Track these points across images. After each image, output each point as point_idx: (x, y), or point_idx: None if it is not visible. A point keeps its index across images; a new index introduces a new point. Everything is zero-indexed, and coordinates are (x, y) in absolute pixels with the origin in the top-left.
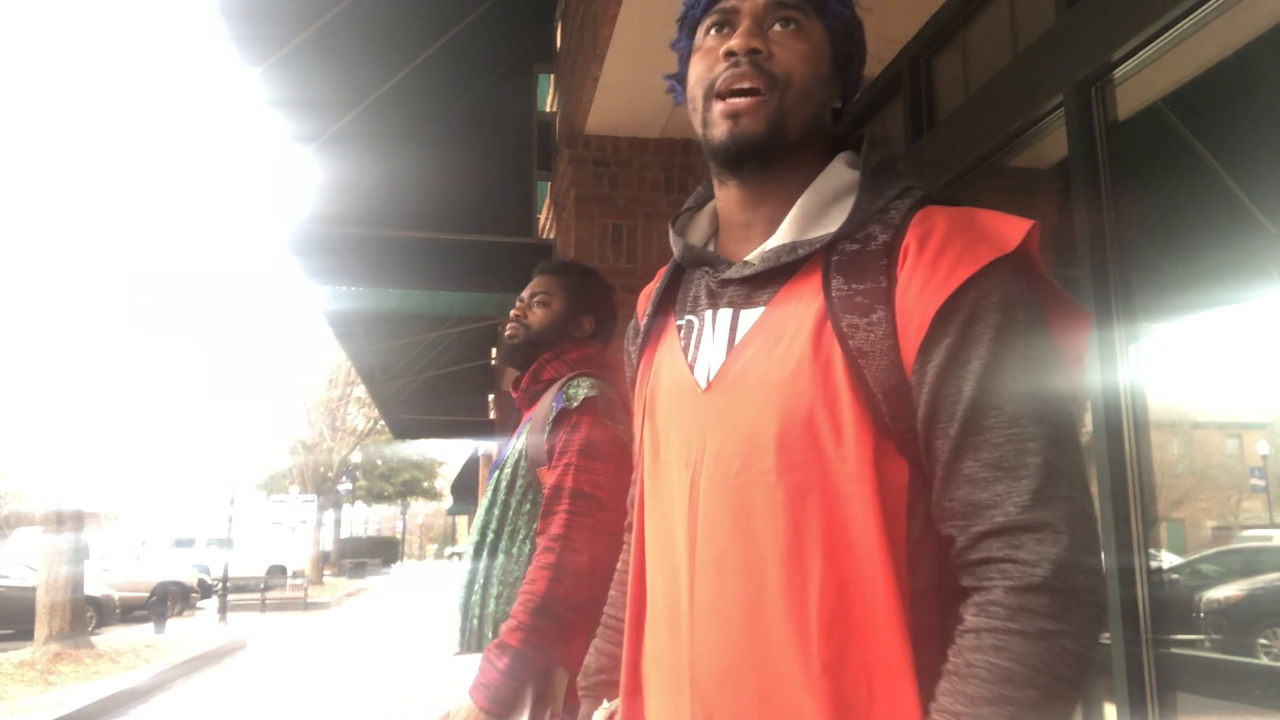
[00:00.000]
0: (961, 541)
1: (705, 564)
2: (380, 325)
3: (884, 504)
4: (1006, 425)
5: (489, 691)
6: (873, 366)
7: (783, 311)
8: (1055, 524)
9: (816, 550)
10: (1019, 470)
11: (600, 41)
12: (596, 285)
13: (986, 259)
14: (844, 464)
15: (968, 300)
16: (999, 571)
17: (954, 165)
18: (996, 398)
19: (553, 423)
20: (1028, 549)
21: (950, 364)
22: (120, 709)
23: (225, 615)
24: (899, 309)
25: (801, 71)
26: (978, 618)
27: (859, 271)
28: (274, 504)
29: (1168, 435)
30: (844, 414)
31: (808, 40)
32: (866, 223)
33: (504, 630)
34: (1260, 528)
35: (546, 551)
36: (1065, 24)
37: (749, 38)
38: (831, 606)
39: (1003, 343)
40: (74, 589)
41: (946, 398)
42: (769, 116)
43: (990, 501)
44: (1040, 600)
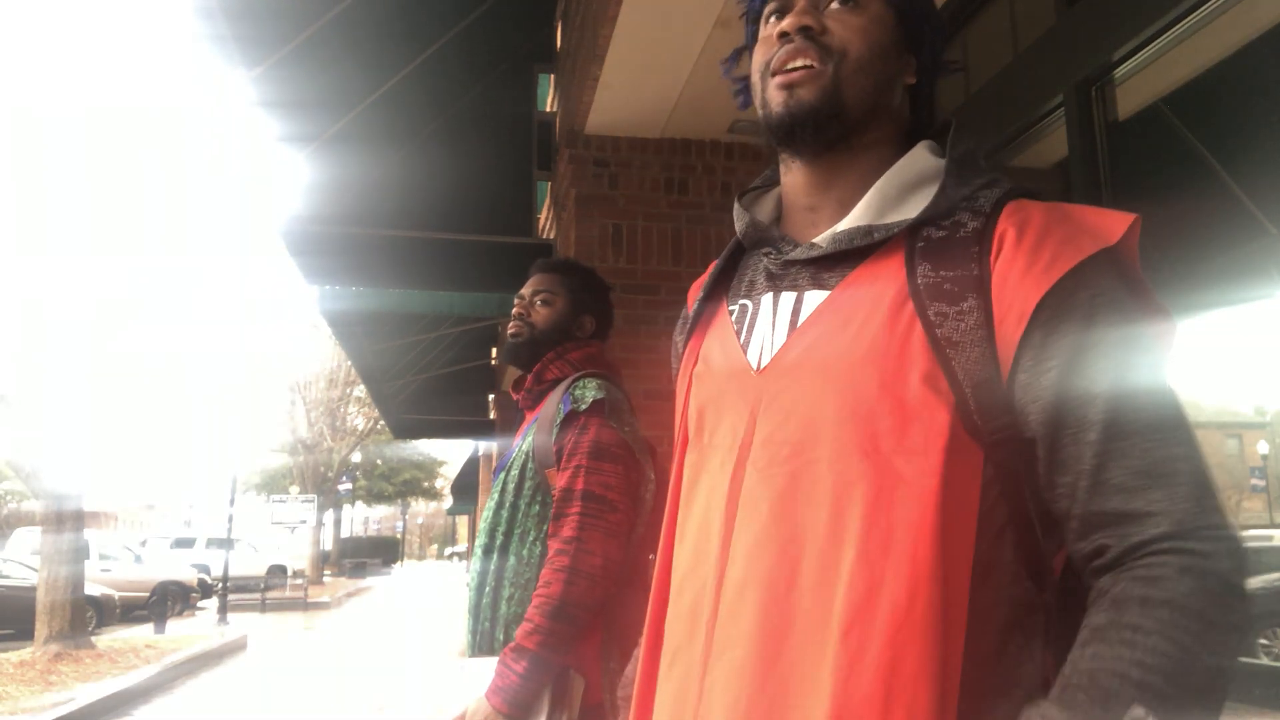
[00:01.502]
0: (1116, 553)
1: (737, 551)
2: (380, 325)
3: (945, 507)
4: (1150, 431)
5: (507, 695)
6: (962, 358)
7: (855, 294)
8: (1226, 526)
9: (853, 544)
10: (1172, 478)
11: (600, 41)
12: (597, 284)
13: (1091, 250)
14: (905, 458)
15: (1081, 296)
16: (1171, 554)
17: None
18: (1134, 400)
19: (561, 424)
20: (1203, 543)
21: (1075, 364)
22: (120, 709)
23: (225, 615)
24: (996, 298)
25: (857, 43)
26: (1146, 587)
27: (948, 258)
28: (274, 504)
29: None
30: (915, 405)
31: (864, 14)
32: (953, 209)
33: (520, 633)
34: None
35: (560, 554)
36: (1065, 24)
37: (800, 15)
38: (856, 605)
39: (1129, 342)
40: (74, 589)
41: (1077, 401)
42: (824, 86)
43: (1149, 509)
44: (1218, 585)
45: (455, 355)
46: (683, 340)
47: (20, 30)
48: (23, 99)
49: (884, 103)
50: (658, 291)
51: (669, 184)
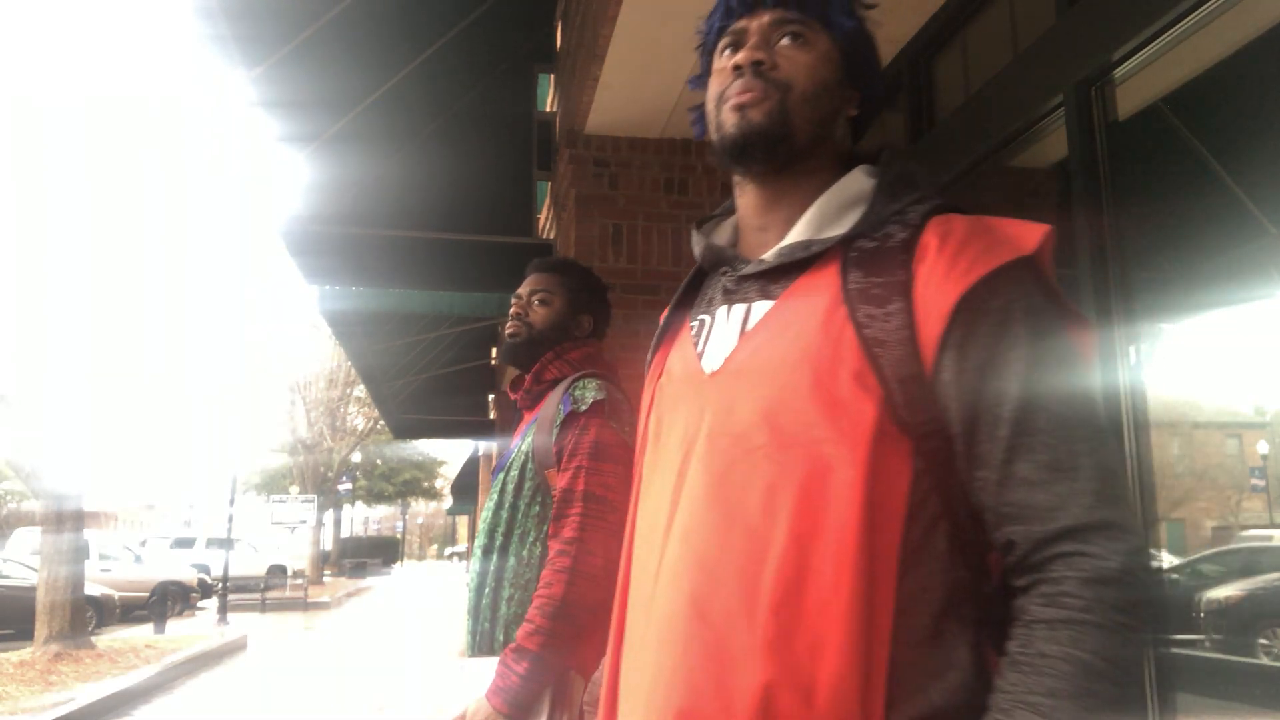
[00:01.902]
0: (1024, 546)
1: (675, 534)
2: (380, 325)
3: (871, 494)
4: (1057, 427)
5: (508, 696)
6: (889, 356)
7: (796, 302)
8: (1121, 523)
9: (784, 527)
10: (1076, 472)
11: (600, 41)
12: (595, 284)
13: (1007, 257)
14: (834, 447)
15: (997, 301)
16: (1068, 565)
17: (954, 165)
18: (1043, 399)
19: (561, 425)
20: (1098, 545)
21: (991, 365)
22: (120, 709)
23: (225, 615)
24: (918, 301)
25: (804, 77)
26: (1049, 608)
27: (877, 265)
28: (274, 504)
29: (1168, 435)
30: (845, 399)
31: (813, 51)
32: (884, 223)
33: (521, 634)
34: (1260, 528)
35: (562, 555)
36: (1065, 24)
37: (753, 51)
38: (786, 585)
39: (1041, 345)
40: (74, 589)
41: (990, 400)
42: (771, 110)
43: (1052, 503)
44: (1113, 593)
45: (455, 355)
46: (651, 354)
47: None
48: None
49: (827, 133)
50: (658, 291)
51: (669, 184)
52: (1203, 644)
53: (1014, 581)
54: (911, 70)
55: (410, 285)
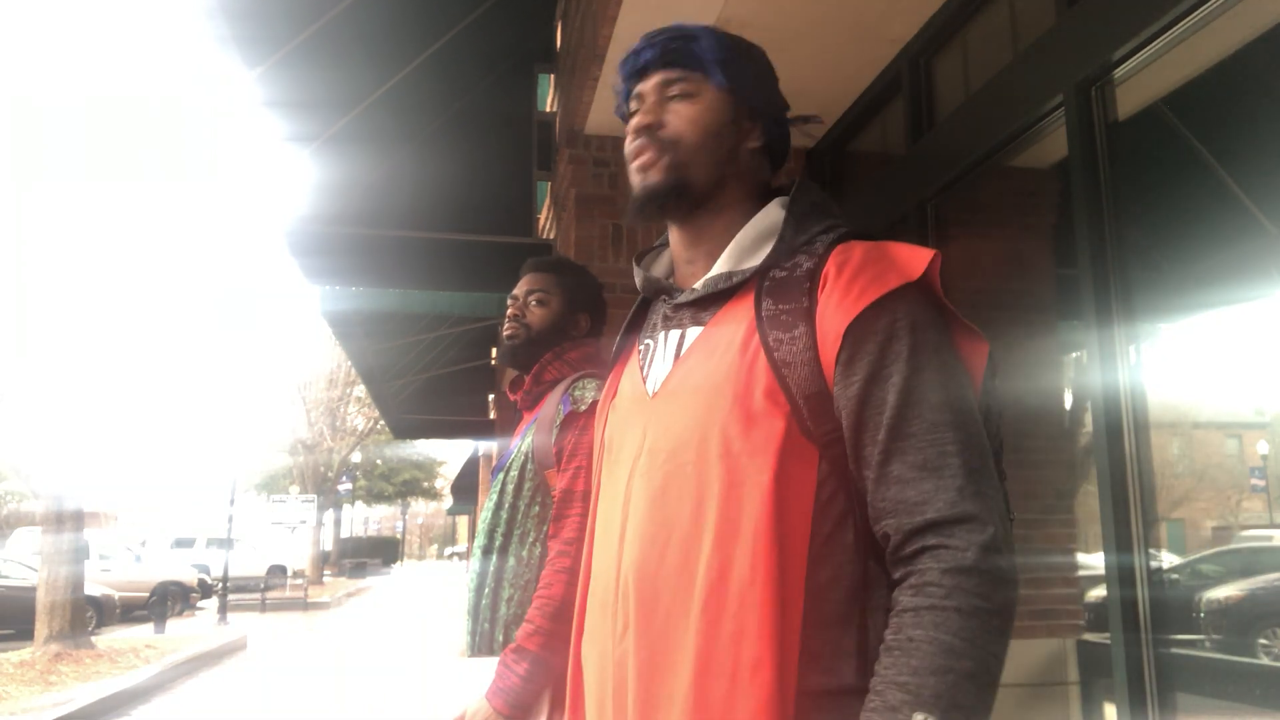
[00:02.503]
0: (896, 538)
1: (627, 544)
2: (380, 325)
3: (780, 498)
4: (928, 431)
5: (508, 696)
6: (795, 375)
7: (720, 328)
8: (980, 515)
9: (710, 533)
10: (942, 470)
11: (600, 41)
12: (590, 282)
13: (894, 284)
14: (749, 458)
15: (882, 321)
16: (933, 556)
17: (954, 165)
18: (918, 407)
19: (561, 425)
20: (959, 536)
21: (873, 379)
22: (120, 709)
23: (225, 615)
24: (819, 325)
25: (689, 131)
26: (916, 597)
27: (785, 294)
28: (274, 504)
29: (1168, 435)
30: (758, 414)
31: (698, 103)
32: (794, 253)
33: (521, 635)
34: (1260, 528)
35: (562, 555)
36: (1065, 24)
37: (644, 115)
38: (713, 581)
39: (918, 358)
40: (74, 589)
41: (872, 408)
42: (665, 169)
43: (920, 499)
44: (971, 580)
45: (455, 355)
46: (605, 377)
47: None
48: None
49: (729, 172)
50: None
51: None
52: (1203, 644)
53: (893, 574)
54: (911, 70)
55: (410, 285)
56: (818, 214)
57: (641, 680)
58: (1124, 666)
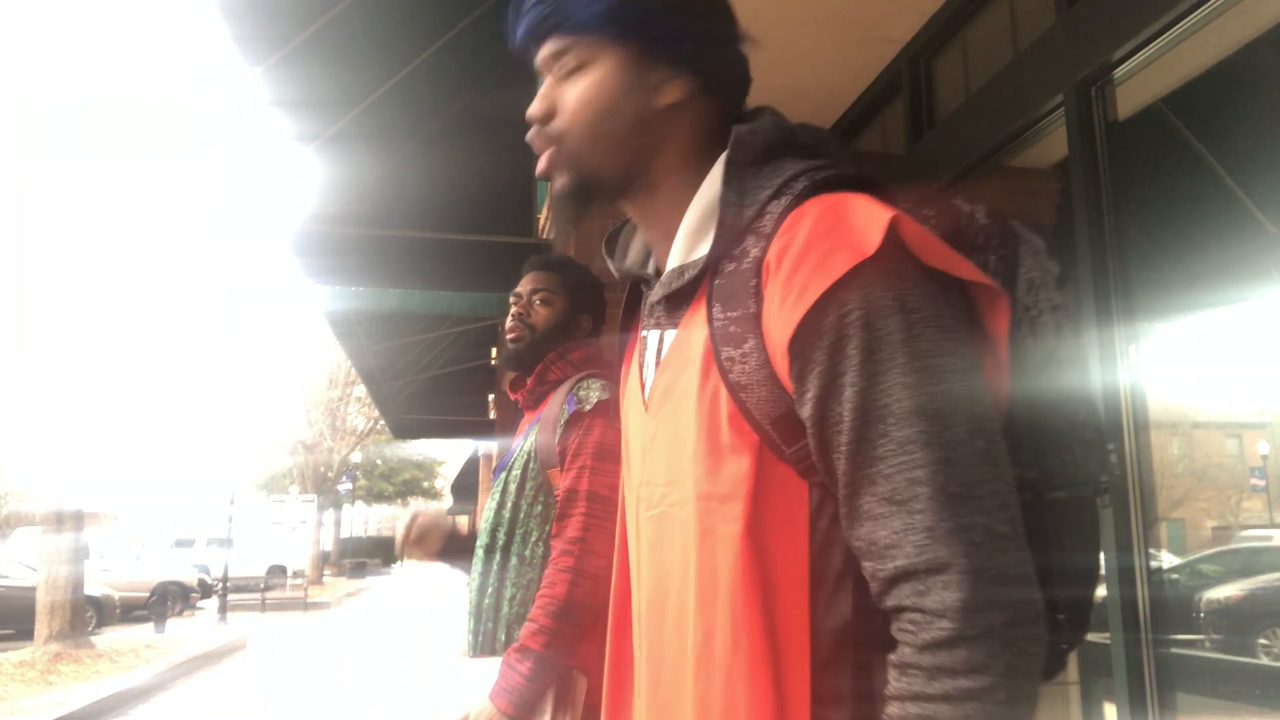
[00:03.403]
0: (874, 586)
1: (641, 583)
2: (380, 325)
3: (759, 548)
4: (894, 454)
5: (512, 696)
6: (753, 398)
7: (687, 335)
8: (955, 562)
9: (692, 591)
10: (912, 503)
11: None
12: (594, 283)
13: (842, 269)
14: (719, 504)
15: (830, 319)
16: (910, 623)
17: (954, 165)
18: (881, 425)
19: (565, 425)
20: (933, 595)
21: (827, 393)
22: (120, 709)
23: (225, 615)
24: (766, 336)
25: (576, 118)
26: (899, 682)
27: (733, 296)
28: (274, 504)
29: (1168, 435)
30: (725, 449)
31: (588, 75)
32: (743, 235)
33: (524, 634)
34: (1260, 528)
35: (565, 555)
36: (1065, 24)
37: (536, 104)
38: (700, 648)
39: (876, 360)
40: (74, 589)
41: (831, 430)
42: (564, 166)
43: (890, 540)
44: (956, 656)
45: (455, 355)
46: (619, 358)
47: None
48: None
49: (646, 143)
50: None
51: None
52: (1203, 644)
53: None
54: (911, 70)
55: (410, 285)
56: (772, 167)
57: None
58: (1124, 666)
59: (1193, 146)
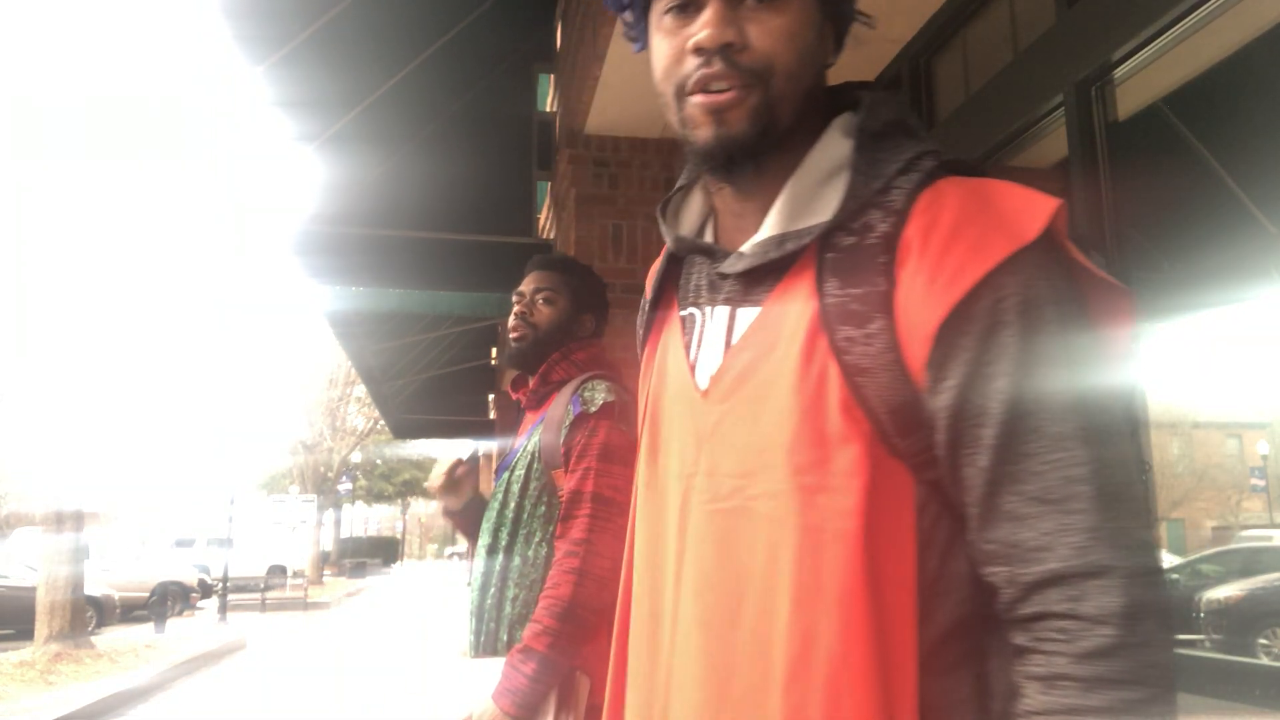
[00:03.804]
0: (1009, 593)
1: (686, 588)
2: (380, 325)
3: (872, 544)
4: (1049, 450)
5: (515, 697)
6: (874, 384)
7: (778, 313)
8: (1118, 566)
9: (786, 592)
10: (1068, 503)
11: (600, 41)
12: (596, 282)
13: (1002, 254)
14: (828, 497)
15: (983, 305)
16: (1060, 632)
17: None
18: (1033, 419)
19: (570, 425)
20: (1091, 600)
21: (971, 383)
22: (120, 709)
23: (225, 615)
24: (900, 317)
25: (785, 56)
26: (1048, 695)
27: (855, 272)
28: (274, 504)
29: (1168, 435)
30: (834, 438)
31: (788, 11)
32: (864, 208)
33: (528, 635)
34: (1260, 528)
35: (570, 556)
36: (1065, 24)
37: (720, 28)
38: (795, 657)
39: (1032, 352)
40: (74, 589)
41: (970, 422)
42: (754, 112)
43: (1039, 543)
44: (1116, 666)
45: (455, 355)
46: (642, 336)
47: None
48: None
49: (811, 103)
50: None
51: (669, 184)
52: (1203, 644)
53: (1009, 636)
54: (911, 70)
55: (410, 285)
56: (894, 143)
57: None
58: None
59: (1193, 146)
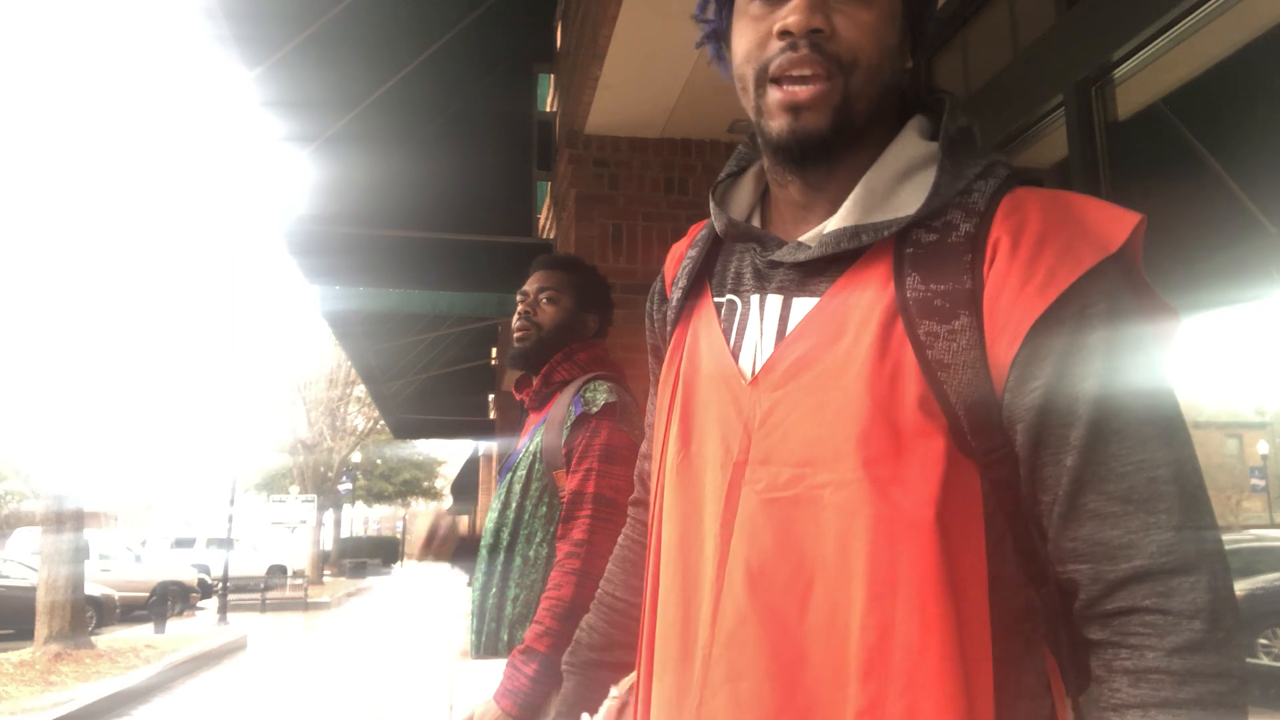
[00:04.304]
0: (1092, 590)
1: (735, 577)
2: (380, 325)
3: (946, 536)
4: (1132, 452)
5: (517, 698)
6: (955, 380)
7: (844, 303)
8: (1203, 563)
9: (861, 583)
10: (1153, 503)
11: (600, 41)
12: (601, 283)
13: (1090, 262)
14: (903, 489)
15: (1072, 309)
16: (1149, 627)
17: None
18: (1118, 421)
19: (572, 426)
20: (1179, 596)
21: (1059, 384)
22: (120, 709)
23: (225, 615)
24: (988, 316)
25: (869, 50)
26: (1139, 688)
27: (939, 268)
28: (274, 504)
29: None
30: (909, 431)
31: (874, 7)
32: (945, 207)
33: (530, 636)
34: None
35: (571, 557)
36: (1065, 24)
37: (809, 14)
38: (871, 649)
39: (1117, 358)
40: (74, 589)
41: (1057, 422)
42: (834, 106)
43: (1124, 540)
44: (1207, 660)
45: (455, 355)
46: (668, 325)
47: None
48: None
49: (889, 101)
50: None
51: (669, 184)
52: None
53: (1085, 631)
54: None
55: (410, 285)
56: (969, 147)
57: None
58: None
59: (1193, 146)
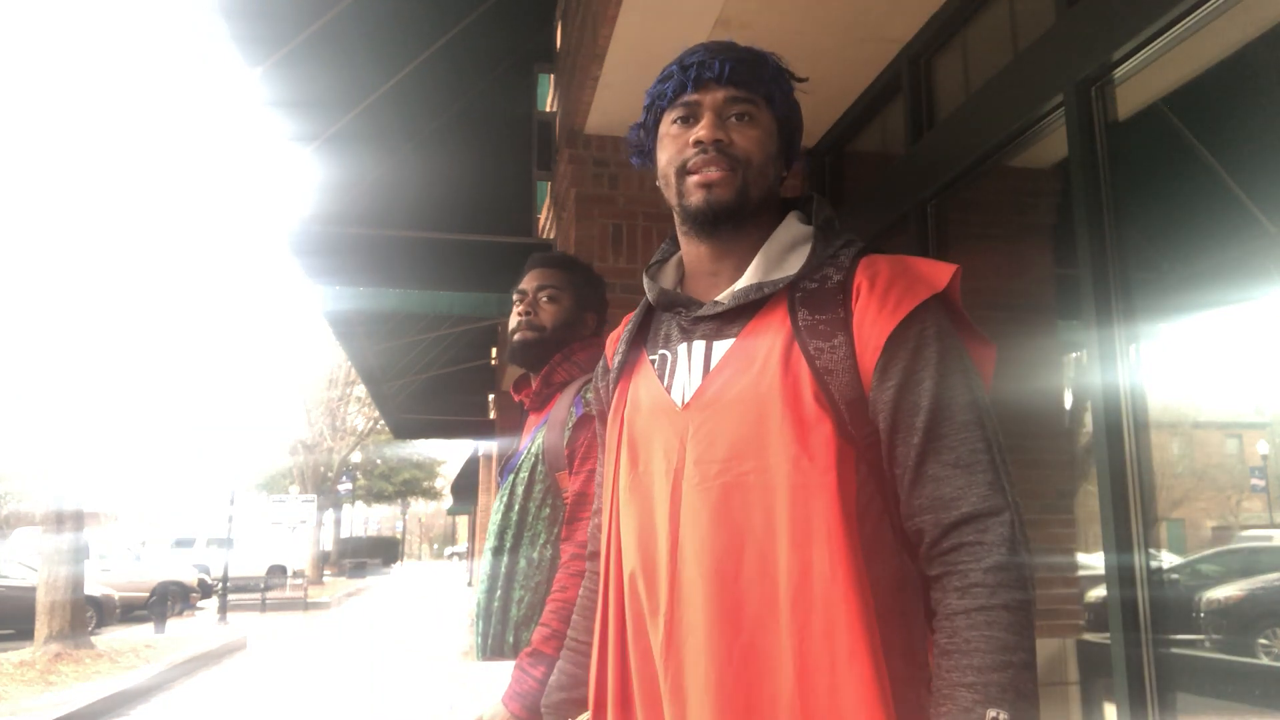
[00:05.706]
0: (933, 533)
1: (686, 554)
2: (380, 325)
3: (843, 499)
4: (959, 430)
5: (525, 700)
6: (837, 382)
7: (754, 339)
8: (1007, 507)
9: (785, 537)
10: (974, 467)
11: (600, 41)
12: (598, 281)
13: (924, 295)
14: (810, 463)
15: (913, 330)
16: (970, 555)
17: (954, 165)
18: (949, 409)
19: (574, 427)
20: (993, 531)
21: (907, 383)
22: (120, 709)
23: (225, 615)
24: (857, 335)
25: (757, 154)
26: (963, 599)
27: (821, 305)
28: (274, 504)
29: (1168, 435)
30: (811, 421)
31: (759, 127)
32: (821, 266)
33: (537, 638)
34: (1260, 528)
35: (576, 558)
36: (1065, 24)
37: (714, 129)
38: (796, 584)
39: (946, 364)
40: (74, 589)
41: (906, 411)
42: (736, 188)
43: (954, 494)
44: (1010, 575)
45: (455, 355)
46: (610, 385)
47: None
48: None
49: (773, 193)
50: None
51: None
52: (1203, 644)
53: (928, 570)
54: (911, 70)
55: (410, 285)
56: (833, 227)
57: (724, 689)
58: (1124, 666)
59: (1193, 146)
